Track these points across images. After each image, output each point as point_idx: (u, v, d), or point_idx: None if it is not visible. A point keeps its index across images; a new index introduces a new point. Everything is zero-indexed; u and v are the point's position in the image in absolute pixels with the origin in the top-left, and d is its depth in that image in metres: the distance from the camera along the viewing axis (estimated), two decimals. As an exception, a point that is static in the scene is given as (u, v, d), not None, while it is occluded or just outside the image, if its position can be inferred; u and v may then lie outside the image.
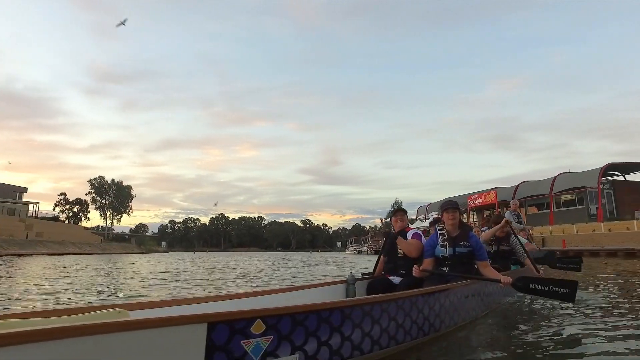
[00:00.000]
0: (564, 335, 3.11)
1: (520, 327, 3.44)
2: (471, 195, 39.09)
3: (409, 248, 3.95)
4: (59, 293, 6.46)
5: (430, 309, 3.00)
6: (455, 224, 3.89)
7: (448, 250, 3.81)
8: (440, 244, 3.87)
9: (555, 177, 33.75)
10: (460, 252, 3.78)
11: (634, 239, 21.93)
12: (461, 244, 3.81)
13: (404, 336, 2.75)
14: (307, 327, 2.11)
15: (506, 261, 5.62)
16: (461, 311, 3.46)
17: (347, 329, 2.32)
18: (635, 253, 18.47)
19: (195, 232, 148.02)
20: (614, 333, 3.11)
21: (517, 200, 9.34)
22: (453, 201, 4.02)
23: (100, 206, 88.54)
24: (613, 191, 31.71)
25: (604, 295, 5.13)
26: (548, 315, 3.97)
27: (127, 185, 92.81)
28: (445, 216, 3.94)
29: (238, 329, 1.84)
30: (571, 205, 31.85)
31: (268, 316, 1.95)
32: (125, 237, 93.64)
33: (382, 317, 2.58)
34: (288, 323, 2.02)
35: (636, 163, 32.88)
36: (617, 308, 4.22)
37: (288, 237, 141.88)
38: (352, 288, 3.86)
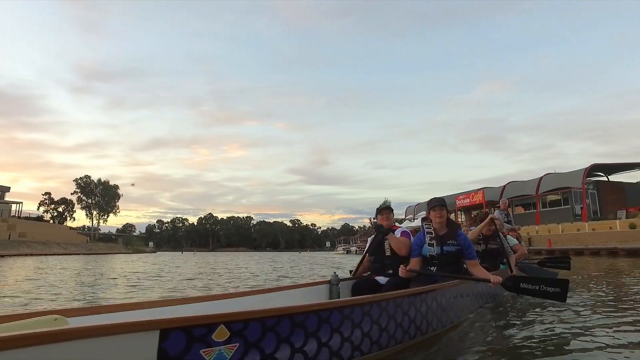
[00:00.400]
0: (554, 335, 3.07)
1: (510, 328, 3.36)
2: (459, 195, 39.46)
3: (399, 245, 3.80)
4: (17, 297, 6.05)
5: (417, 310, 2.84)
6: (443, 222, 3.75)
7: (435, 249, 3.67)
8: (427, 242, 3.73)
9: (541, 178, 34.26)
10: (448, 251, 3.65)
11: (616, 238, 22.37)
12: (449, 242, 3.67)
13: (388, 340, 2.57)
14: (278, 333, 1.93)
15: (495, 260, 5.50)
16: (450, 312, 3.30)
17: (325, 334, 2.13)
18: (618, 252, 18.84)
19: (184, 232, 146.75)
20: (603, 331, 3.09)
21: (506, 200, 9.20)
22: (440, 198, 3.89)
23: (86, 206, 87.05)
24: (597, 191, 32.31)
25: (592, 294, 5.13)
26: (538, 314, 3.90)
27: (113, 184, 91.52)
28: (432, 214, 3.79)
29: (197, 336, 1.65)
30: (557, 205, 32.35)
31: (233, 321, 1.76)
32: (112, 237, 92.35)
33: (364, 320, 2.38)
34: (257, 329, 1.84)
35: (619, 164, 33.57)
36: (605, 306, 4.21)
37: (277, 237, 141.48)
38: (336, 289, 3.67)
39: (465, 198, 38.17)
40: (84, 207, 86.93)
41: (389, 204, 4.14)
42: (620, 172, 34.49)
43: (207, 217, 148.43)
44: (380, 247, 3.97)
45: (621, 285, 6.34)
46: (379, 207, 4.16)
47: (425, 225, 3.83)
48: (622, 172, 34.41)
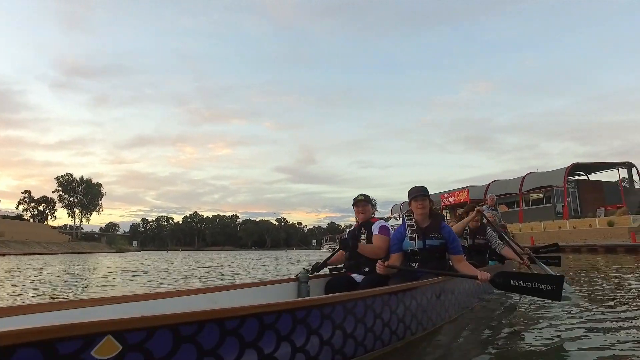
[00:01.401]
0: (546, 335, 2.89)
1: (499, 331, 3.08)
2: (444, 194, 39.94)
3: (374, 252, 3.41)
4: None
5: (391, 312, 2.43)
6: (425, 214, 3.37)
7: (417, 243, 3.32)
8: (408, 236, 3.37)
9: (524, 177, 34.90)
10: (432, 245, 3.30)
11: (596, 236, 22.96)
12: (432, 235, 3.32)
13: (355, 349, 2.13)
14: (200, 344, 1.44)
15: (483, 256, 5.17)
16: (431, 313, 2.93)
17: (269, 343, 1.67)
18: (597, 249, 19.32)
19: (169, 230, 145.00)
20: (597, 329, 2.97)
21: (494, 195, 8.87)
22: (422, 187, 3.44)
23: (68, 204, 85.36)
24: (577, 190, 33.07)
25: (580, 290, 5.11)
26: (528, 314, 3.67)
27: (97, 182, 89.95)
28: (413, 205, 3.40)
29: (67, 353, 1.15)
30: (539, 204, 33.00)
31: (127, 330, 1.26)
32: (95, 236, 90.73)
33: (323, 325, 1.92)
34: (166, 339, 1.35)
35: (598, 163, 34.44)
36: (595, 302, 4.18)
37: (263, 235, 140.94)
38: (305, 287, 3.28)
39: (451, 196, 38.64)
40: (65, 206, 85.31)
41: (375, 203, 3.75)
42: (600, 172, 35.38)
43: (192, 216, 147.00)
44: (356, 242, 3.60)
45: (604, 281, 6.43)
46: (355, 198, 3.75)
47: (406, 217, 3.48)
48: (601, 171, 35.30)
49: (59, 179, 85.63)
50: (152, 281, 8.57)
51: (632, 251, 17.46)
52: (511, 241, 5.77)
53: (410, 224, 3.42)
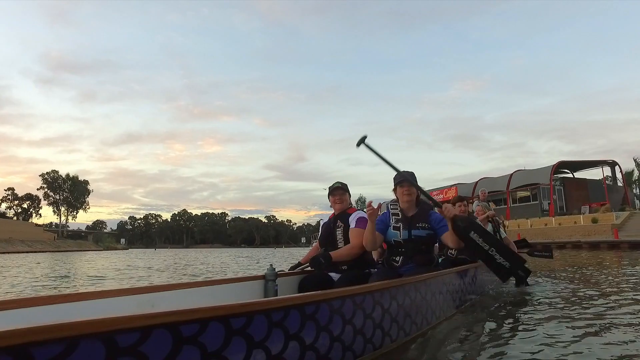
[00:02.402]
0: (539, 334, 2.64)
1: (490, 332, 2.79)
2: (433, 191, 40.31)
3: (350, 253, 3.06)
4: None
5: (365, 317, 2.01)
6: (412, 201, 3.07)
7: (402, 233, 2.99)
8: (392, 225, 3.04)
9: (511, 174, 35.37)
10: (418, 236, 2.98)
11: (580, 232, 23.41)
12: (419, 225, 3.00)
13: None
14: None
15: None
16: (416, 316, 2.54)
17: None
18: (581, 245, 19.71)
19: (157, 228, 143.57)
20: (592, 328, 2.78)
21: (485, 190, 8.65)
22: (409, 172, 3.11)
23: (54, 202, 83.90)
24: (563, 188, 33.65)
25: (561, 286, 5.11)
26: (519, 316, 3.31)
27: (83, 180, 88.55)
28: (399, 191, 3.09)
29: None
30: (526, 201, 33.49)
31: None
32: (82, 234, 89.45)
33: (272, 336, 1.52)
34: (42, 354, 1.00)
35: (583, 162, 35.15)
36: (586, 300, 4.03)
37: (252, 233, 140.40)
38: (272, 286, 2.88)
39: (439, 194, 38.99)
40: (51, 203, 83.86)
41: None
42: (584, 170, 36.04)
43: (181, 214, 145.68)
44: (331, 237, 3.26)
45: (594, 278, 6.42)
46: (331, 186, 3.40)
47: (390, 205, 3.17)
48: (586, 169, 35.98)
49: (44, 176, 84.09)
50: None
51: (614, 247, 17.85)
52: (500, 235, 5.61)
53: (394, 212, 3.10)
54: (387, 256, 3.12)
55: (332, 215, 3.41)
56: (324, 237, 3.37)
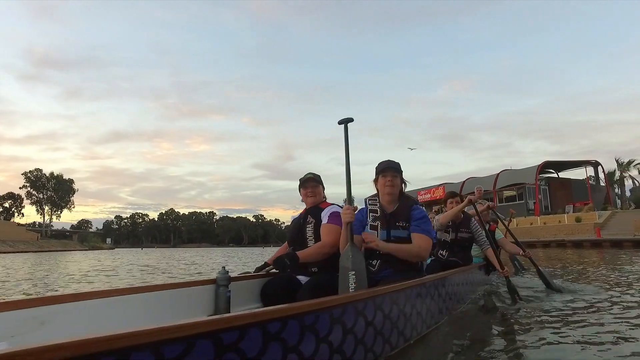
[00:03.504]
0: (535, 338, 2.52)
1: (483, 340, 2.57)
2: (420, 190, 40.64)
3: (320, 252, 2.64)
4: None
5: (331, 341, 1.62)
6: (394, 194, 2.62)
7: (380, 233, 2.58)
8: (369, 224, 2.63)
9: (498, 174, 35.86)
10: (398, 237, 2.55)
11: (564, 231, 23.87)
12: (399, 224, 2.56)
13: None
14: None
15: (467, 252, 4.45)
16: (390, 335, 2.06)
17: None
18: (566, 244, 20.09)
19: (144, 228, 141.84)
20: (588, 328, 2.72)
21: (481, 187, 7.99)
22: (394, 162, 2.69)
23: (37, 201, 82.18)
24: (548, 187, 34.24)
25: None
26: (514, 321, 3.12)
27: (68, 178, 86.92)
28: (380, 182, 2.64)
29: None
30: (512, 201, 33.97)
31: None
32: (66, 233, 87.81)
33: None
34: None
35: (567, 162, 35.83)
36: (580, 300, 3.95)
37: (240, 232, 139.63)
38: (224, 292, 2.44)
39: (427, 193, 39.33)
40: (34, 203, 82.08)
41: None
42: (569, 170, 36.73)
43: (168, 213, 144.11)
44: (301, 233, 2.85)
45: (589, 277, 6.37)
46: (302, 178, 3.01)
47: (369, 201, 2.75)
48: (570, 169, 36.67)
49: (26, 174, 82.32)
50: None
51: (597, 245, 18.24)
52: (502, 237, 5.45)
53: (373, 209, 2.67)
54: None
55: (303, 211, 3.00)
56: (292, 235, 2.94)
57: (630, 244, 17.18)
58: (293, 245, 2.89)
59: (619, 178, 41.13)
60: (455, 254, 4.26)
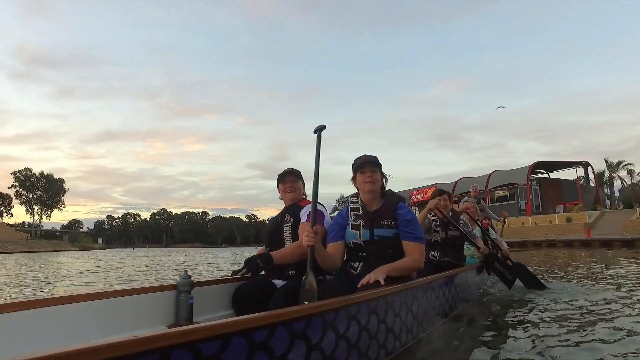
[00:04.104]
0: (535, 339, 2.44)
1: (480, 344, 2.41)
2: (413, 190, 40.82)
3: (295, 252, 2.41)
4: None
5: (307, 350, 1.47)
6: (375, 191, 2.41)
7: (362, 233, 2.35)
8: (351, 223, 2.41)
9: (490, 174, 36.12)
10: (382, 237, 2.32)
11: (555, 231, 24.11)
12: (383, 222, 2.34)
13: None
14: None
15: (459, 251, 4.23)
16: (368, 349, 1.81)
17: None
18: (556, 244, 20.28)
19: (135, 227, 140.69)
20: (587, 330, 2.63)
21: (477, 186, 8.12)
22: (371, 155, 2.50)
23: (26, 201, 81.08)
24: (539, 187, 34.57)
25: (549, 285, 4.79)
26: (513, 323, 2.96)
27: (58, 178, 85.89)
28: (359, 179, 2.43)
29: None
30: (504, 201, 34.25)
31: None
32: (57, 234, 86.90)
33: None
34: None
35: (558, 162, 36.19)
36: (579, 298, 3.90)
37: (233, 232, 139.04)
38: (185, 299, 2.16)
39: (419, 193, 39.51)
40: (23, 202, 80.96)
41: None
42: (559, 170, 37.12)
43: (160, 213, 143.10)
44: (278, 232, 2.63)
45: (585, 276, 6.32)
46: (280, 173, 2.80)
47: (350, 199, 2.55)
48: (561, 169, 37.06)
49: (15, 174, 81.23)
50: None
51: (587, 245, 18.46)
52: (493, 237, 5.25)
53: (354, 207, 2.47)
54: (344, 261, 2.45)
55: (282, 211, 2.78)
56: (269, 235, 2.70)
57: (619, 243, 17.41)
58: (270, 247, 2.65)
59: (609, 179, 41.72)
60: (447, 253, 4.05)
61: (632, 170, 40.48)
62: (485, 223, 5.59)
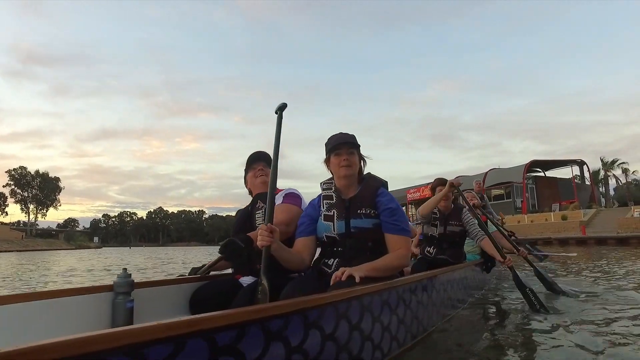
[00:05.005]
0: None
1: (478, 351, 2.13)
2: (410, 189, 40.86)
3: None
4: None
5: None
6: (352, 176, 2.03)
7: (337, 225, 1.99)
8: (323, 214, 2.05)
9: (486, 173, 36.20)
10: (360, 228, 1.96)
11: (551, 229, 24.24)
12: (361, 211, 1.97)
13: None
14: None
15: (458, 248, 3.79)
16: (339, 354, 1.51)
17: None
18: (552, 242, 20.38)
19: (132, 226, 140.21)
20: None
21: (480, 181, 7.69)
22: (348, 134, 2.10)
23: (22, 199, 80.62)
24: (535, 186, 34.72)
25: None
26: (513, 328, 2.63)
27: (54, 176, 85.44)
28: (333, 162, 2.05)
29: None
30: (500, 199, 34.35)
31: None
32: (52, 232, 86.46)
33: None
34: None
35: (554, 161, 36.35)
36: None
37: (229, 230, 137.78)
38: (123, 303, 1.85)
39: (416, 192, 39.53)
40: (18, 201, 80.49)
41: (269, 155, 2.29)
42: (555, 169, 37.29)
43: (156, 211, 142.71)
44: (250, 222, 2.30)
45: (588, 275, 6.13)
46: (251, 155, 2.49)
47: (323, 185, 2.16)
48: (557, 168, 37.22)
49: (10, 172, 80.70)
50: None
51: (582, 243, 18.57)
52: (500, 231, 4.76)
53: (327, 195, 2.10)
54: (318, 258, 2.10)
55: None
56: (238, 226, 2.33)
57: (614, 241, 17.53)
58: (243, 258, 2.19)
59: (604, 177, 41.95)
60: (444, 250, 3.66)
61: (627, 169, 40.77)
62: (484, 217, 5.26)
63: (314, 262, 2.09)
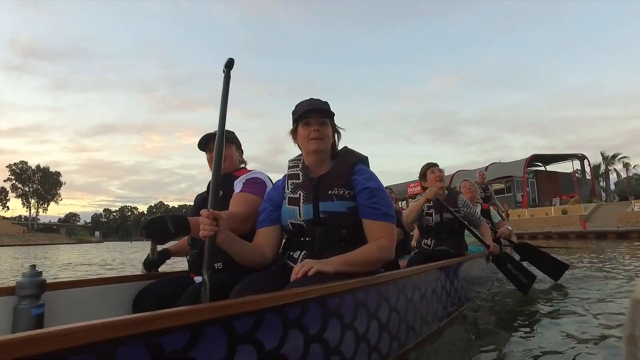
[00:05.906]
0: None
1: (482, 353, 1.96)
2: (410, 183, 40.85)
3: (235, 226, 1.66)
4: None
5: None
6: (324, 150, 1.70)
7: (304, 210, 1.65)
8: (288, 196, 1.71)
9: (487, 167, 36.16)
10: (332, 212, 1.61)
11: (551, 223, 24.25)
12: (333, 192, 1.63)
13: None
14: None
15: (458, 238, 3.41)
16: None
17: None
18: (552, 236, 20.42)
19: (133, 221, 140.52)
20: None
21: (484, 171, 7.34)
22: (320, 100, 1.73)
23: (23, 194, 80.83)
24: (536, 180, 34.71)
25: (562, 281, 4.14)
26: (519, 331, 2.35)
27: (55, 171, 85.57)
28: (301, 134, 1.70)
29: None
30: (501, 193, 34.34)
31: None
32: (54, 227, 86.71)
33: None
34: None
35: (555, 155, 36.27)
36: None
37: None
38: (28, 310, 1.46)
39: (417, 186, 39.45)
40: (19, 196, 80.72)
41: (232, 132, 2.18)
42: (556, 163, 37.26)
43: (157, 206, 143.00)
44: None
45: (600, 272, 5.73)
46: (204, 136, 2.13)
47: (290, 163, 1.83)
48: (557, 162, 37.18)
49: (11, 167, 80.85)
50: None
51: (582, 237, 18.58)
52: (500, 221, 4.80)
53: (293, 173, 1.76)
54: (282, 251, 1.76)
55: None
56: (194, 214, 1.91)
57: (614, 235, 17.53)
58: (192, 237, 1.93)
59: (604, 171, 41.87)
60: (443, 241, 3.32)
61: (628, 164, 40.69)
62: (486, 205, 5.03)
63: (279, 255, 1.75)
